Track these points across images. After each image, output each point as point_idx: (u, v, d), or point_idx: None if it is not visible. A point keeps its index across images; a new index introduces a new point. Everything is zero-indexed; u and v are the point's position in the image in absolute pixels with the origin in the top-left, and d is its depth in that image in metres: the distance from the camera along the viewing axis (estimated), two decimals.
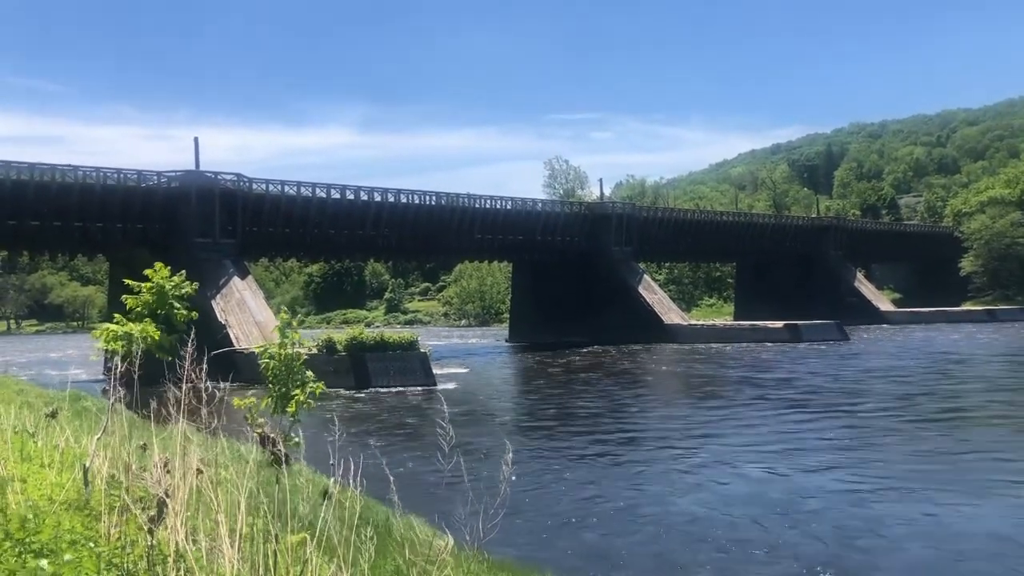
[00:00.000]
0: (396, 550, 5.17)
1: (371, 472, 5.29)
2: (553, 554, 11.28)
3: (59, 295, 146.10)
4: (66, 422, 7.08)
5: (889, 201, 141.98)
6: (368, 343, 37.30)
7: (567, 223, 73.48)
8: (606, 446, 20.74)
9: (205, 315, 41.82)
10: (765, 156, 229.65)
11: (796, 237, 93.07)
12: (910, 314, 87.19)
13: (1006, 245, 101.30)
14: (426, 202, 64.48)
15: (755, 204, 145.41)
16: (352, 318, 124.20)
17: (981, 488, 15.19)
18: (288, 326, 5.67)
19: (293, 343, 5.46)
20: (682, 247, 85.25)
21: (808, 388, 32.72)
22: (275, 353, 5.47)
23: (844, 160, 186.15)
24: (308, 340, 38.03)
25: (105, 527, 3.95)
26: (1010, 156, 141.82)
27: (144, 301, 6.26)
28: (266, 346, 5.47)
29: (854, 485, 15.62)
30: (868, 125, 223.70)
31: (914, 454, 18.62)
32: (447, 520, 5.83)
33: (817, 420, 24.37)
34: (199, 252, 47.89)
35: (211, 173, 51.90)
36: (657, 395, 34.40)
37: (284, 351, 5.41)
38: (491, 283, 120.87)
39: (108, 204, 48.76)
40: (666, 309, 69.40)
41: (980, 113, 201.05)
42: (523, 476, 16.30)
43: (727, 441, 21.04)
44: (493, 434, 22.24)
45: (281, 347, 5.44)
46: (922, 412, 25.67)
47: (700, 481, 16.27)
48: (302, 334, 6.27)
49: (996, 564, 10.89)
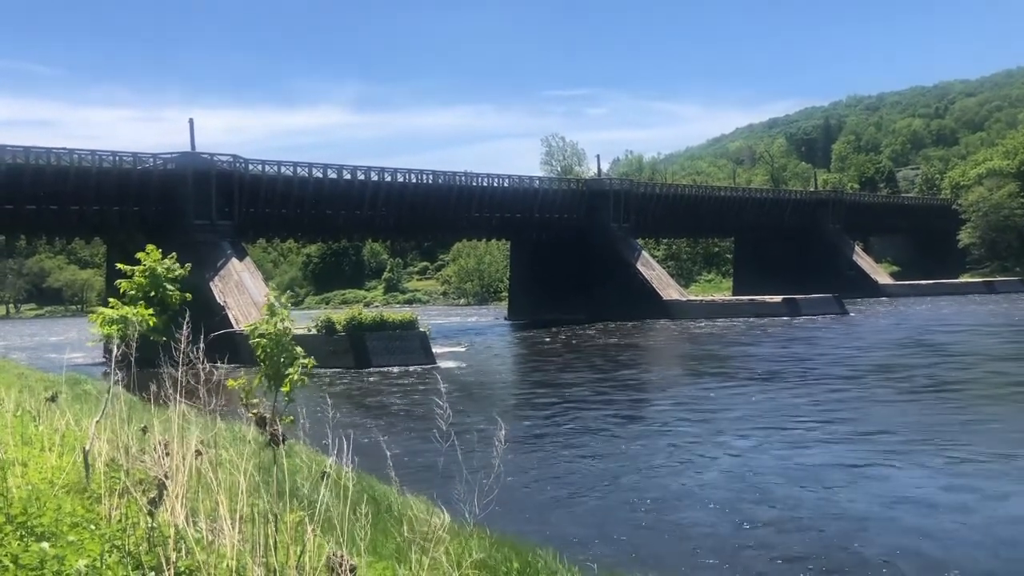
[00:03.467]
0: (394, 527, 5.22)
1: (370, 451, 5.34)
2: (551, 529, 11.37)
3: (58, 279, 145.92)
4: (67, 405, 7.13)
5: (887, 174, 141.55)
6: (367, 323, 37.35)
7: (565, 200, 73.33)
8: (604, 422, 20.83)
9: (204, 297, 41.99)
10: (762, 130, 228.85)
11: (794, 211, 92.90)
12: (908, 287, 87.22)
13: (1004, 217, 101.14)
14: (423, 181, 64.25)
15: (753, 179, 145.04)
16: (351, 298, 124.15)
17: (967, 459, 15.30)
18: (277, 302, 5.67)
19: (282, 319, 5.46)
20: (680, 223, 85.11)
21: (805, 361, 32.83)
22: (264, 331, 5.47)
23: (842, 133, 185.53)
24: (305, 321, 38.09)
25: (106, 509, 3.99)
26: (1008, 127, 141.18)
27: (137, 284, 6.26)
28: (255, 324, 5.47)
29: (847, 457, 15.74)
30: (866, 98, 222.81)
31: (905, 425, 18.74)
32: (445, 497, 5.89)
33: (812, 393, 24.47)
34: (196, 234, 47.80)
35: (207, 154, 51.68)
36: (655, 371, 34.50)
37: (274, 328, 5.41)
38: (489, 261, 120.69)
39: (104, 187, 48.59)
40: (664, 285, 69.44)
41: (978, 84, 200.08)
42: (522, 453, 16.40)
43: (724, 415, 21.14)
44: (492, 412, 22.31)
45: (271, 324, 5.44)
46: (915, 384, 25.77)
47: (696, 455, 16.37)
48: (294, 313, 6.28)
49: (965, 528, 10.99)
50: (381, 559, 4.89)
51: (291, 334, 5.39)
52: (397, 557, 4.87)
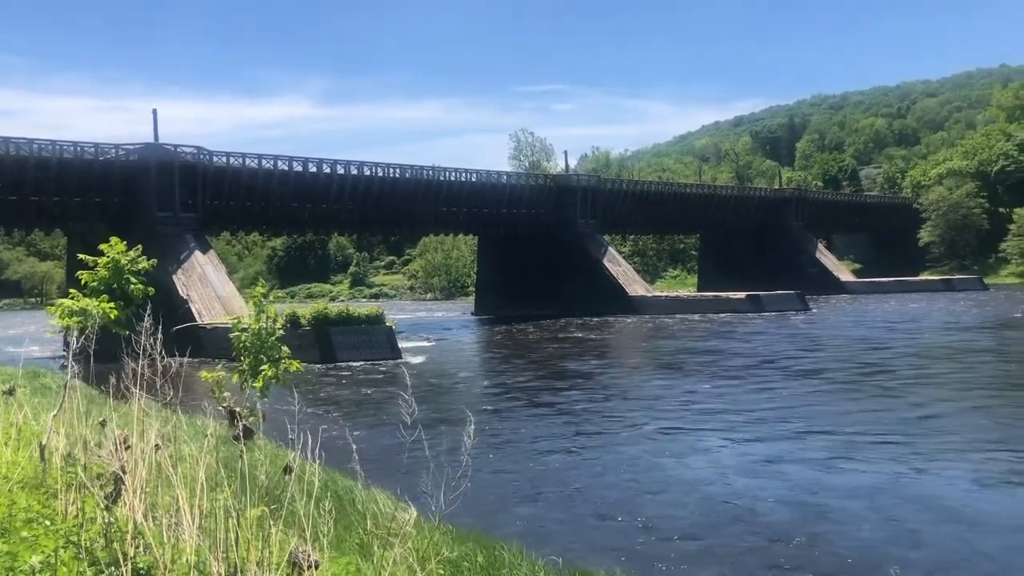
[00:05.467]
0: (359, 522, 5.18)
1: (335, 446, 5.28)
2: (516, 524, 11.37)
3: (16, 271, 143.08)
4: (24, 399, 6.98)
5: (850, 172, 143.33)
6: (333, 317, 37.09)
7: (533, 196, 73.38)
8: (570, 416, 20.90)
9: (166, 290, 41.42)
10: (728, 128, 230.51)
11: (759, 208, 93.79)
12: (869, 284, 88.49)
13: (962, 216, 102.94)
14: (390, 175, 63.92)
15: (718, 176, 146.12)
16: (316, 292, 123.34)
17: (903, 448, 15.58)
18: (264, 299, 5.58)
19: (269, 317, 5.38)
20: (646, 219, 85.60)
21: (765, 357, 33.23)
22: (248, 326, 5.39)
23: (806, 132, 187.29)
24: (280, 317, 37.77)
25: (62, 505, 3.91)
26: (967, 128, 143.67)
27: (100, 276, 6.14)
28: (239, 319, 5.39)
29: (804, 451, 15.95)
30: (830, 97, 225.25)
31: (855, 419, 19.07)
32: (411, 492, 5.85)
33: (770, 389, 24.77)
34: (159, 226, 47.19)
35: (170, 146, 51.03)
36: (619, 366, 34.67)
37: (258, 324, 5.33)
38: (457, 256, 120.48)
39: (65, 178, 47.81)
40: (630, 281, 69.79)
41: (939, 85, 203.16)
42: (488, 448, 16.39)
43: (686, 410, 21.31)
44: (458, 407, 22.30)
45: (256, 320, 5.36)
46: (869, 379, 26.21)
47: (660, 449, 16.48)
48: (276, 309, 6.19)
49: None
50: (345, 554, 4.85)
51: (277, 334, 5.32)
52: (361, 552, 4.83)
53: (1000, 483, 13.58)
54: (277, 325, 5.30)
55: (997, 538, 10.89)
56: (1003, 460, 15.11)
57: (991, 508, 12.19)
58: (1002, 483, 13.59)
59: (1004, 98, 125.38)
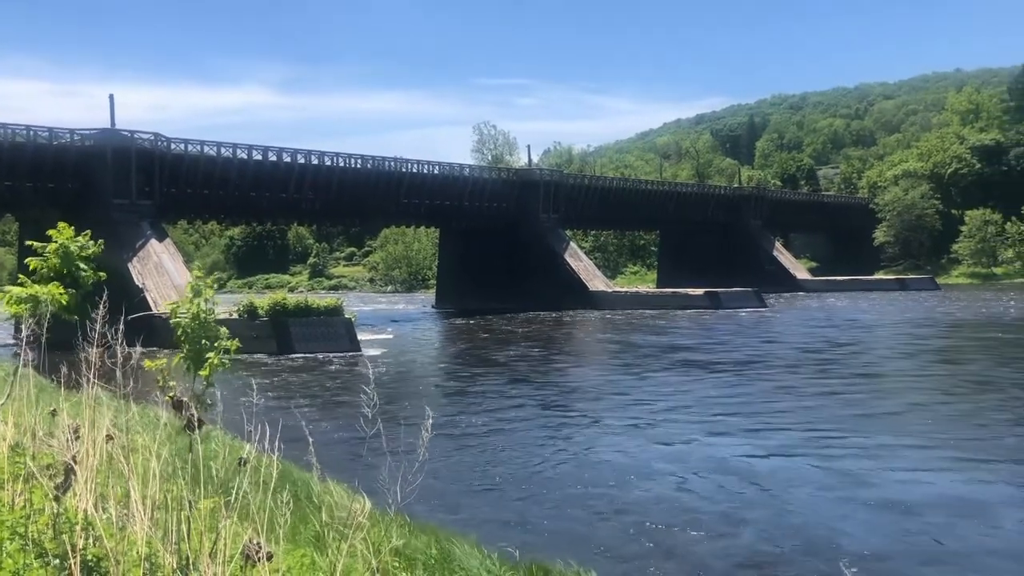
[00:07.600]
0: (314, 514, 5.15)
1: (291, 438, 5.24)
2: (473, 516, 11.40)
3: None
4: None
5: (808, 172, 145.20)
6: (291, 308, 36.77)
7: (495, 189, 73.30)
8: (527, 410, 20.98)
9: (122, 278, 40.74)
10: (689, 126, 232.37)
11: (718, 206, 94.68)
12: (825, 282, 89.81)
13: (917, 217, 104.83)
14: (352, 165, 63.44)
15: (679, 173, 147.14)
16: (275, 283, 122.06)
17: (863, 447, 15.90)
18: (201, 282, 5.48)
19: (206, 300, 5.28)
20: (608, 215, 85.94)
21: (721, 353, 33.62)
22: (186, 311, 5.29)
23: (766, 131, 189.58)
24: (227, 305, 37.33)
25: (9, 496, 3.84)
26: (922, 130, 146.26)
27: (50, 264, 6.02)
28: (177, 304, 5.29)
29: (756, 447, 16.21)
30: (789, 97, 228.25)
31: (810, 417, 19.37)
32: (368, 484, 5.83)
33: (726, 384, 25.08)
34: (115, 213, 46.36)
35: (127, 132, 50.12)
36: (578, 361, 34.86)
37: (196, 308, 5.23)
38: (418, 249, 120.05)
39: (17, 162, 46.73)
40: (591, 276, 70.11)
41: (896, 88, 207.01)
42: (445, 440, 16.39)
43: (643, 406, 21.48)
44: (416, 399, 22.27)
45: (193, 304, 5.26)
46: (822, 375, 26.66)
47: (615, 444, 16.61)
48: (220, 297, 6.10)
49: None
50: (299, 546, 4.83)
51: (215, 315, 5.24)
52: (316, 544, 4.80)
53: (930, 470, 13.91)
54: (214, 305, 5.20)
55: (921, 521, 11.15)
56: (935, 450, 15.47)
57: (920, 493, 12.48)
58: (933, 470, 13.91)
59: (958, 102, 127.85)
